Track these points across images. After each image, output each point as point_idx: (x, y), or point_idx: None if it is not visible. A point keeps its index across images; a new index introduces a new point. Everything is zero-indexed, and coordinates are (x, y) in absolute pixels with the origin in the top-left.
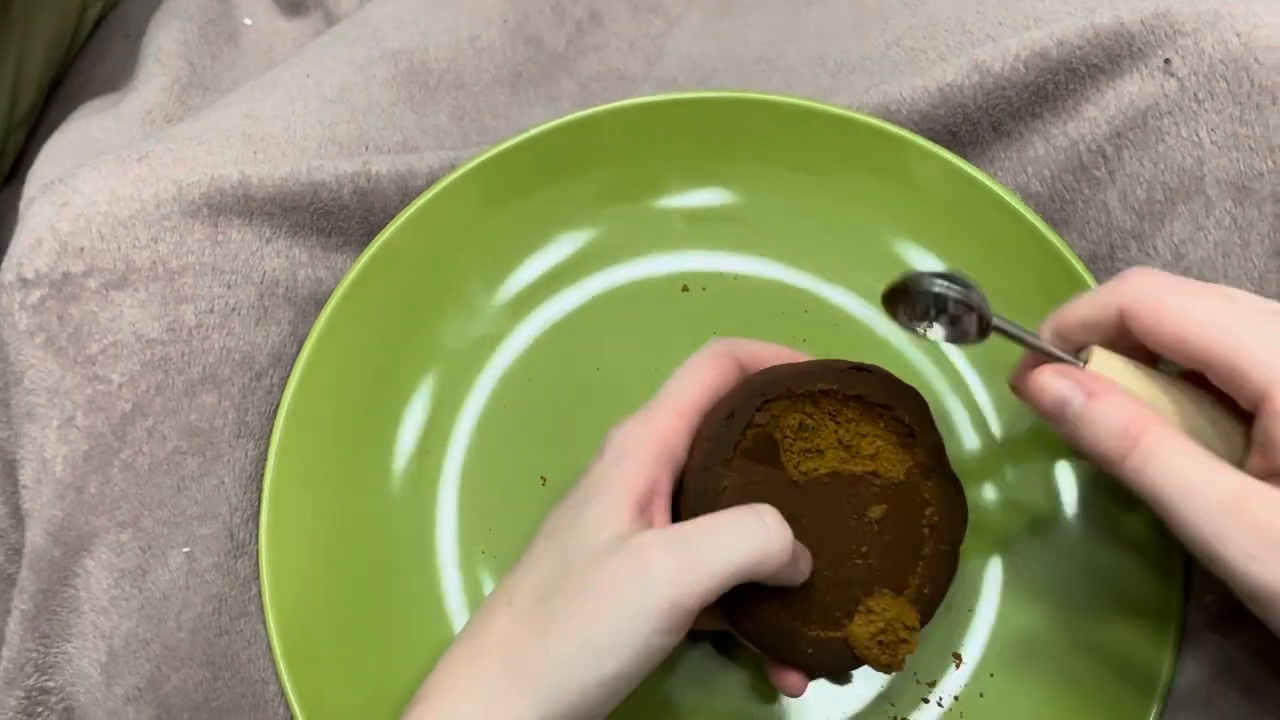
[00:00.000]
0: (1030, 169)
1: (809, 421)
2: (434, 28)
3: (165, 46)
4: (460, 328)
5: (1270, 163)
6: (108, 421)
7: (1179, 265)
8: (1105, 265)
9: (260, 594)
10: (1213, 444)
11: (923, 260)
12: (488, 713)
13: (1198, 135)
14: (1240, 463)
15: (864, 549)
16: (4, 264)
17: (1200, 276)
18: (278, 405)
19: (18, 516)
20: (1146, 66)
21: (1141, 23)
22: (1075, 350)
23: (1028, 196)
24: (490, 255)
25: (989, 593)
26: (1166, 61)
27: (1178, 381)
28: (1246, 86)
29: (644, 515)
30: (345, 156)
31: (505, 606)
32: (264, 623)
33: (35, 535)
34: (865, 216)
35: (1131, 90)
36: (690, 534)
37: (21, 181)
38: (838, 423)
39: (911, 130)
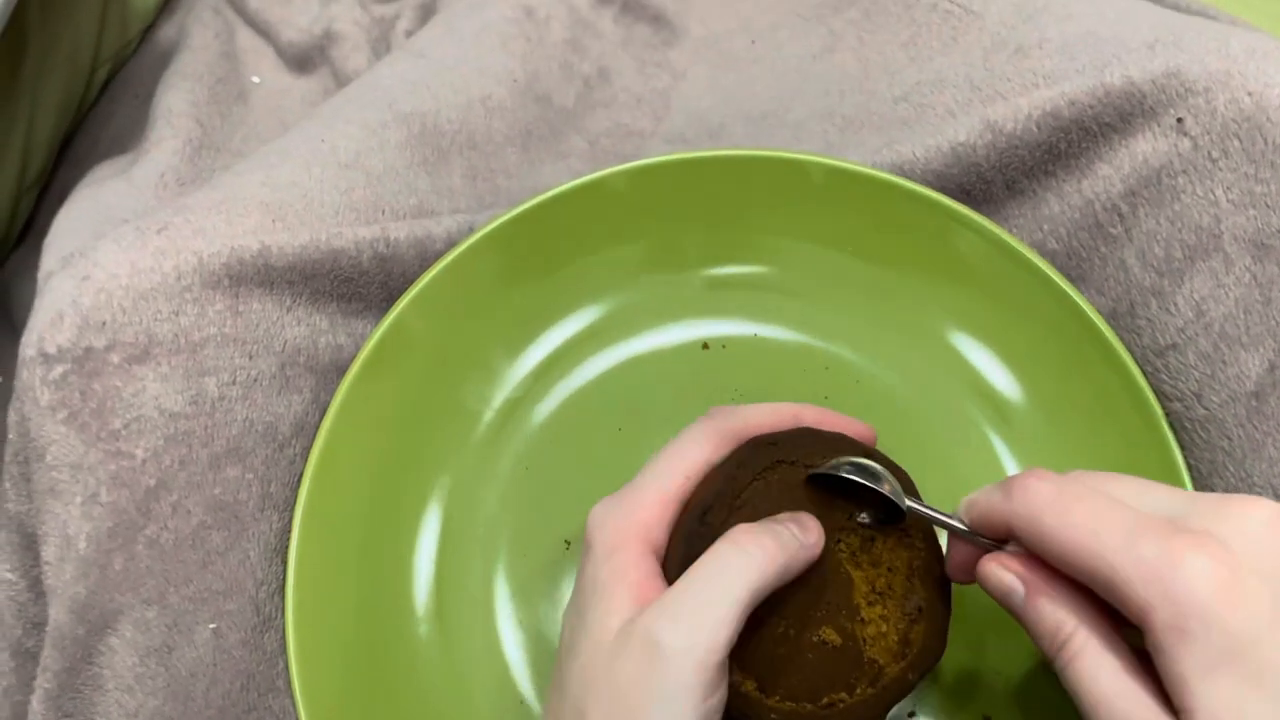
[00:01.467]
0: (1046, 226)
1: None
2: (444, 89)
3: (175, 108)
4: (482, 392)
5: None
6: (132, 498)
7: (1200, 322)
8: (1126, 322)
9: (288, 668)
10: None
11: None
12: None
13: (1214, 194)
14: None
15: (845, 631)
16: (25, 339)
17: (1223, 333)
18: (301, 476)
19: (38, 590)
20: (1159, 125)
21: (1152, 82)
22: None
23: (1044, 254)
24: (511, 319)
25: (1020, 656)
26: (1179, 121)
27: None
28: (1260, 145)
29: (643, 604)
30: (362, 222)
31: None
32: (292, 698)
33: (59, 613)
34: (890, 277)
35: (1145, 149)
36: (683, 592)
37: (32, 245)
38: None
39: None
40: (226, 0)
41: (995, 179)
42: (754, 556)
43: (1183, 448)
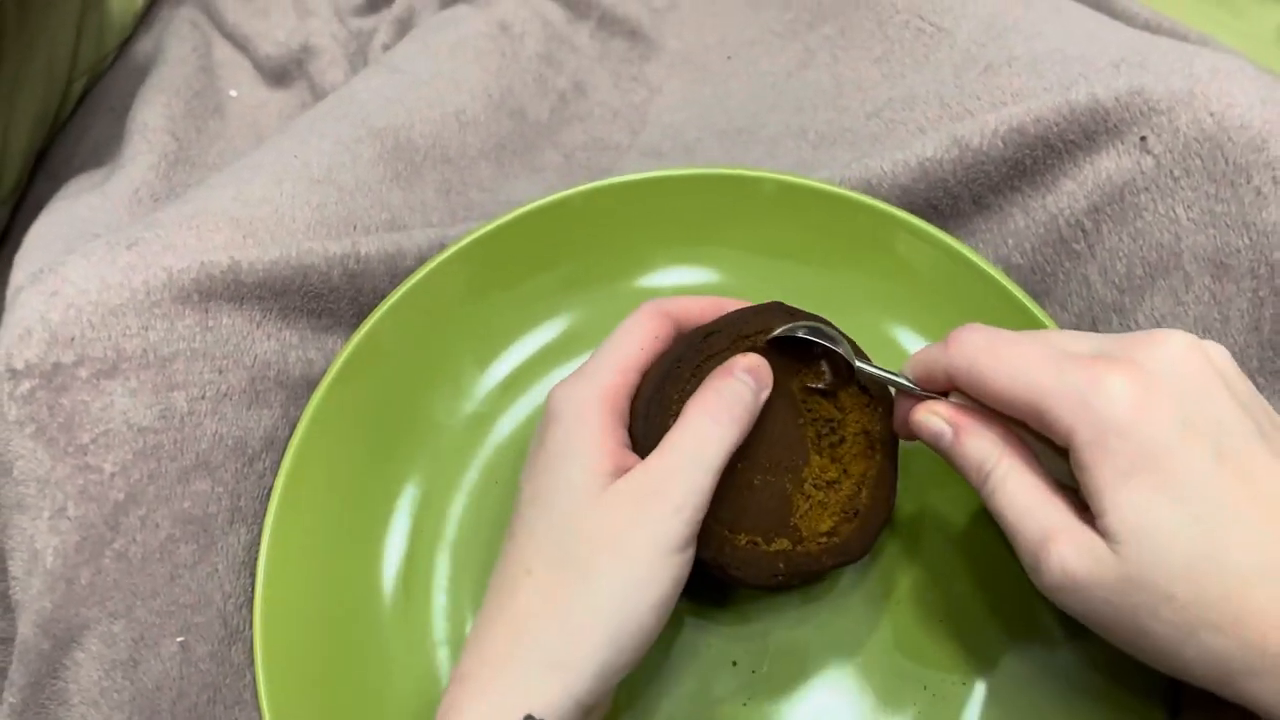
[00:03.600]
0: (1011, 241)
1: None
2: (419, 103)
3: (151, 122)
4: (452, 406)
5: (1247, 239)
6: (100, 511)
7: None
8: None
9: (255, 681)
10: (1060, 471)
11: (911, 338)
12: (549, 670)
13: (1175, 212)
14: None
15: (802, 479)
16: None
17: None
18: (271, 489)
19: (5, 604)
20: (1123, 143)
21: (1116, 100)
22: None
23: (1009, 269)
24: (480, 333)
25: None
26: (1143, 139)
27: None
28: (1221, 165)
29: (621, 463)
30: (333, 238)
31: (526, 576)
32: (259, 710)
33: (25, 627)
34: (852, 290)
35: (1109, 166)
36: (673, 454)
37: (7, 258)
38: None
39: (893, 203)
40: (204, 14)
41: (962, 194)
42: (725, 426)
43: None
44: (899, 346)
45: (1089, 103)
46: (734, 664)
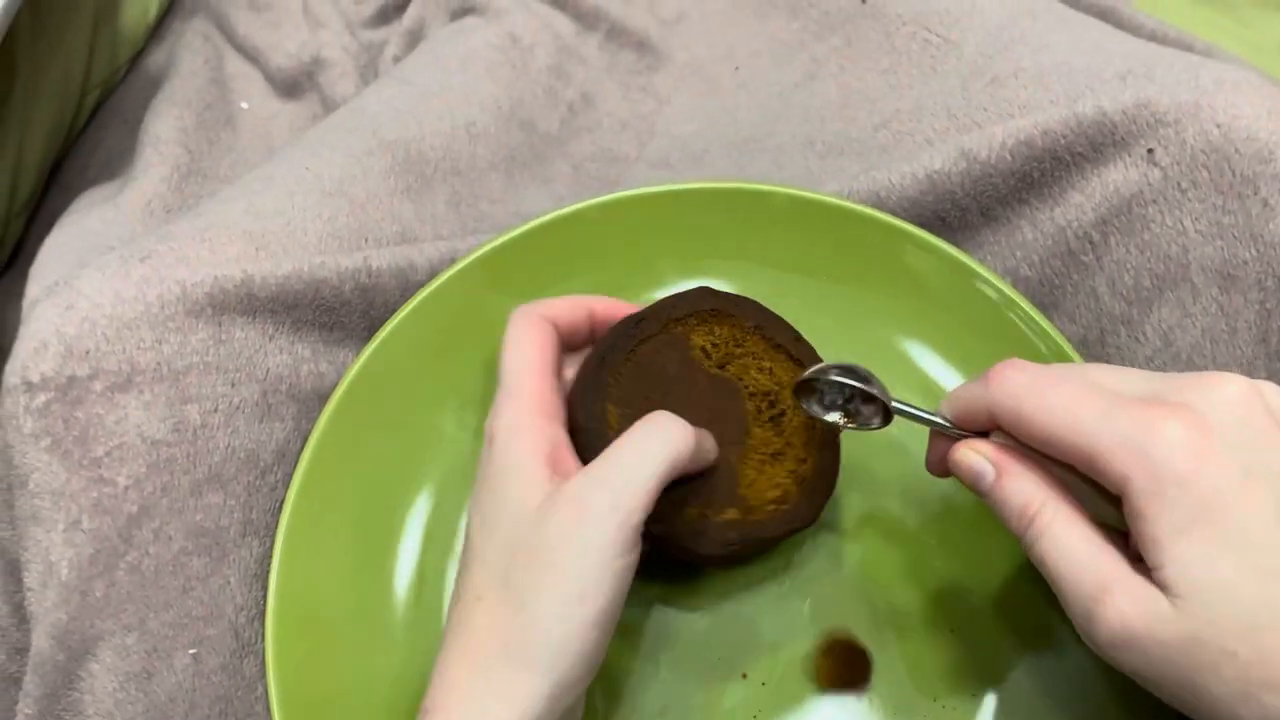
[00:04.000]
0: (1019, 254)
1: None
2: (429, 116)
3: (163, 135)
4: (463, 418)
5: (1254, 251)
6: (114, 524)
7: (1168, 351)
8: (1096, 350)
9: (267, 694)
10: (1106, 515)
11: (920, 351)
12: (499, 702)
13: (1182, 224)
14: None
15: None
16: (8, 367)
17: (1190, 363)
18: (282, 502)
19: (20, 615)
20: (1130, 155)
21: (1123, 112)
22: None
23: (1017, 281)
24: (492, 347)
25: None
26: (1150, 151)
27: None
28: (1228, 176)
29: (558, 470)
30: (345, 250)
31: (476, 603)
32: None
33: (40, 639)
34: (861, 303)
35: (1116, 178)
36: (611, 462)
37: (21, 269)
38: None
39: (901, 216)
40: (216, 26)
41: (970, 206)
42: (672, 441)
43: None
44: (908, 359)
45: (1096, 115)
46: (744, 676)
